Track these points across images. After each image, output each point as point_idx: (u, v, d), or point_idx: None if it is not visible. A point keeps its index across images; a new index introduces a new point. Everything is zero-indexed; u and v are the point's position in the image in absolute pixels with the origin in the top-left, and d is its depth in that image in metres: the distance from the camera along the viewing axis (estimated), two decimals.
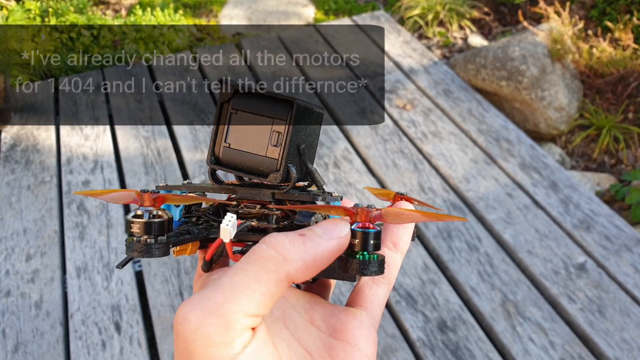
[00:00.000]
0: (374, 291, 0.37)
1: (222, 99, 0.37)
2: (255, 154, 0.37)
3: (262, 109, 0.37)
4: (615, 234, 1.84)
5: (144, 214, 0.33)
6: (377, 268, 0.32)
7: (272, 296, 0.27)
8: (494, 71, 2.50)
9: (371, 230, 0.32)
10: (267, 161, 0.37)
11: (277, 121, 0.36)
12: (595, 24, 2.85)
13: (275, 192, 0.37)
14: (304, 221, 0.36)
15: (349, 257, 0.32)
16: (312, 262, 0.29)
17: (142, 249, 0.32)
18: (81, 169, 2.13)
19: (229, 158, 0.38)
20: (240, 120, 0.37)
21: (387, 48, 2.85)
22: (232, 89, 0.37)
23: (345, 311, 0.35)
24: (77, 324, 1.58)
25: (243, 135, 0.37)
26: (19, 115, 2.43)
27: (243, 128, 0.37)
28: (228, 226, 0.33)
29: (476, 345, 1.52)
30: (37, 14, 3.17)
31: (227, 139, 0.38)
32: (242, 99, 0.37)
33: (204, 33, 3.23)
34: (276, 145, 0.37)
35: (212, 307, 0.26)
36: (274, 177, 0.36)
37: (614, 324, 1.57)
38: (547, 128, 2.45)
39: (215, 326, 0.26)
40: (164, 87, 2.60)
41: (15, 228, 1.88)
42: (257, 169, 0.37)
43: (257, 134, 0.37)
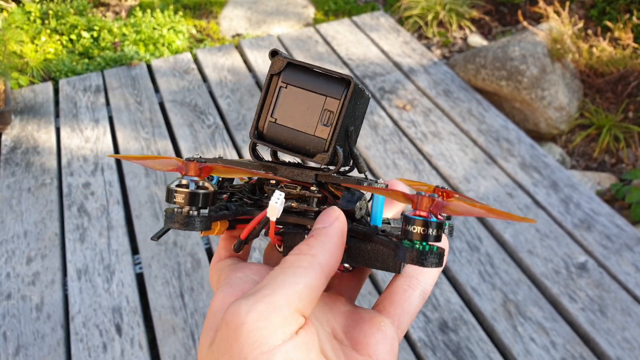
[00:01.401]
0: (408, 296, 0.35)
1: (272, 71, 0.36)
2: (303, 132, 0.35)
3: (314, 86, 0.35)
4: (616, 233, 1.83)
5: (189, 183, 0.31)
6: (437, 260, 0.30)
7: (313, 289, 0.29)
8: (494, 71, 2.50)
9: (433, 220, 0.30)
10: (315, 140, 0.35)
11: (330, 99, 0.35)
12: (595, 23, 2.85)
13: (318, 174, 0.36)
14: (349, 207, 0.35)
15: (407, 246, 0.30)
16: (334, 247, 0.31)
17: (183, 221, 0.31)
18: (82, 171, 2.13)
19: (274, 133, 0.36)
20: (290, 95, 0.36)
21: (387, 48, 2.85)
22: (284, 61, 0.35)
23: (370, 321, 0.34)
24: (78, 326, 1.58)
25: (292, 111, 0.36)
26: (19, 117, 2.43)
27: (292, 103, 0.36)
28: (277, 204, 0.31)
29: (477, 346, 1.52)
30: (37, 16, 3.18)
31: (274, 114, 0.36)
32: (293, 73, 0.36)
33: (203, 34, 3.23)
34: (326, 124, 0.35)
35: (261, 297, 0.28)
36: (322, 157, 0.35)
37: (615, 324, 1.57)
38: (547, 127, 2.45)
39: (263, 312, 0.27)
40: (164, 88, 2.60)
41: (15, 231, 1.89)
42: (304, 148, 0.36)
43: (307, 111, 0.35)
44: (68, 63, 2.82)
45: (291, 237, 0.36)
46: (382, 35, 2.96)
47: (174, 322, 1.59)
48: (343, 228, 0.32)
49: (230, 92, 2.57)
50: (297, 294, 0.28)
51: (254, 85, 2.62)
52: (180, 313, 1.61)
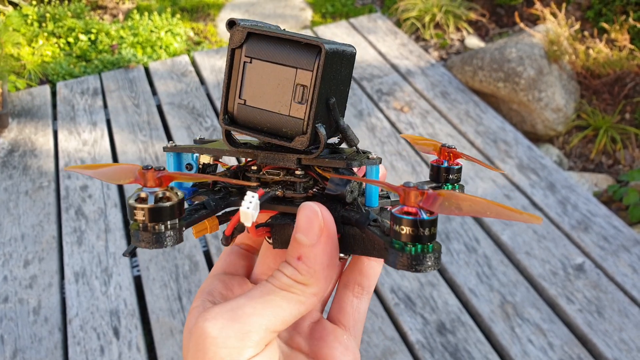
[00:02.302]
0: (356, 306, 0.36)
1: (233, 44, 0.31)
2: (277, 112, 0.31)
3: (282, 57, 0.30)
4: (613, 235, 1.84)
5: (148, 196, 0.27)
6: (433, 262, 0.26)
7: (298, 316, 0.29)
8: (491, 72, 2.50)
9: (425, 218, 0.26)
10: (292, 121, 0.31)
11: (301, 72, 0.30)
12: (591, 24, 2.85)
13: (301, 158, 0.32)
14: (338, 190, 0.31)
15: (398, 250, 0.26)
16: (323, 275, 0.29)
17: (150, 239, 0.27)
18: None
19: (245, 117, 0.32)
20: (257, 71, 0.31)
21: (384, 50, 2.85)
22: (244, 31, 0.31)
23: (332, 333, 0.34)
24: (76, 329, 1.58)
25: (261, 90, 0.31)
26: (16, 120, 2.43)
27: (260, 80, 0.31)
28: (249, 209, 0.27)
29: (475, 347, 1.52)
30: (35, 19, 3.18)
31: (242, 94, 0.31)
32: (257, 44, 0.31)
33: (201, 37, 3.24)
34: (301, 102, 0.30)
35: (240, 316, 0.27)
36: (300, 140, 0.31)
37: (613, 325, 1.57)
38: (545, 129, 2.45)
39: (237, 332, 0.27)
40: (162, 91, 2.60)
41: (13, 234, 1.88)
42: (280, 130, 0.31)
43: (278, 88, 0.31)
44: (65, 66, 2.82)
45: (280, 229, 0.32)
46: (380, 38, 2.97)
47: (172, 324, 1.59)
48: (332, 243, 0.29)
49: None
50: (281, 320, 0.28)
51: None
52: (178, 316, 1.61)
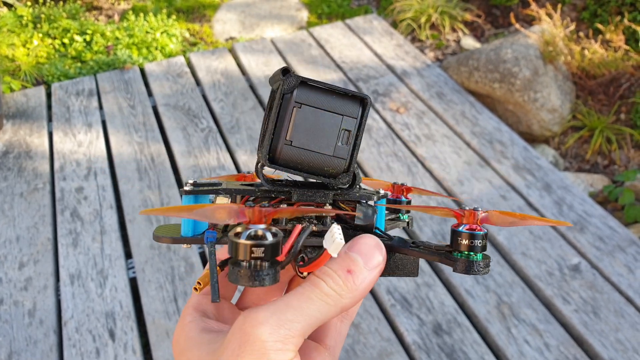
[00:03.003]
0: (338, 329, 0.38)
1: (284, 90, 0.34)
2: (322, 153, 0.34)
3: (330, 105, 0.34)
4: (608, 235, 1.84)
5: (264, 234, 0.28)
6: (484, 268, 0.32)
7: (323, 322, 0.31)
8: (487, 73, 2.51)
9: (478, 232, 0.32)
10: (335, 161, 0.34)
11: (347, 118, 0.34)
12: (586, 25, 2.86)
13: (336, 194, 0.36)
14: (368, 221, 0.35)
15: (458, 255, 0.32)
16: (360, 295, 0.32)
17: (253, 276, 0.28)
18: (74, 175, 2.12)
19: (289, 157, 0.34)
20: (305, 115, 0.34)
21: (380, 51, 2.86)
22: (297, 80, 0.34)
23: (316, 350, 0.37)
24: (71, 331, 1.57)
25: (308, 132, 0.34)
26: (11, 121, 2.42)
27: (308, 124, 0.34)
28: (342, 238, 0.30)
29: (471, 348, 1.52)
30: (29, 19, 3.16)
31: (289, 135, 0.34)
32: (306, 92, 0.34)
33: (197, 38, 3.23)
34: (345, 144, 0.34)
35: (285, 322, 0.29)
36: (343, 178, 0.34)
37: (609, 325, 1.57)
38: (540, 129, 2.46)
39: (282, 337, 0.29)
40: (157, 92, 2.59)
41: (8, 236, 1.87)
42: (322, 169, 0.35)
43: (325, 131, 0.34)
44: (60, 67, 2.81)
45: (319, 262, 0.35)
46: (376, 38, 2.97)
47: (168, 326, 1.58)
48: (379, 273, 0.33)
49: (224, 95, 2.57)
50: (313, 326, 0.30)
51: (247, 89, 2.61)
52: (174, 317, 1.60)
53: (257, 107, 2.49)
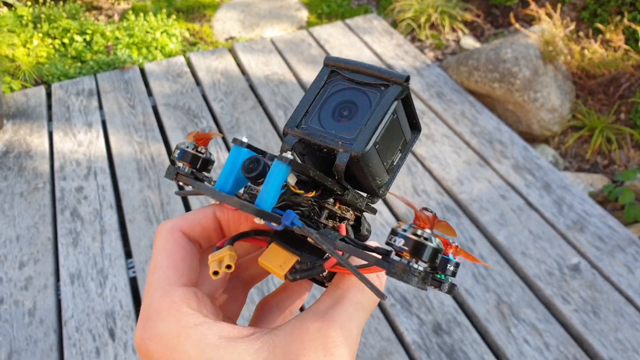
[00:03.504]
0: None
1: (401, 96, 0.34)
2: (384, 164, 0.35)
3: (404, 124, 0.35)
4: (608, 235, 1.84)
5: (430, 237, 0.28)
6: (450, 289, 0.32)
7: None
8: (487, 73, 2.51)
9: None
10: (384, 174, 0.36)
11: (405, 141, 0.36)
12: (586, 25, 2.86)
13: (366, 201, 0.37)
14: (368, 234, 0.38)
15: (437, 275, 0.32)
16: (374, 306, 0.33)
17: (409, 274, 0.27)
18: (74, 175, 2.12)
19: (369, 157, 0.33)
20: (391, 126, 0.34)
21: (380, 51, 2.86)
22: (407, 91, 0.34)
23: None
24: (71, 331, 1.57)
25: (386, 142, 0.34)
26: (11, 121, 2.42)
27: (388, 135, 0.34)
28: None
29: (471, 348, 1.52)
30: (29, 19, 3.17)
31: (379, 138, 0.33)
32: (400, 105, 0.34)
33: (197, 37, 3.23)
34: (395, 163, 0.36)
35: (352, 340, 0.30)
36: (384, 192, 0.36)
37: (608, 324, 1.58)
38: (540, 129, 2.46)
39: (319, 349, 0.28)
40: (157, 92, 2.59)
41: (8, 235, 1.88)
42: (375, 179, 0.35)
43: (391, 146, 0.35)
44: (60, 67, 2.81)
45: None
46: (375, 38, 2.97)
47: None
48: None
49: (224, 95, 2.57)
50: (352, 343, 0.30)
51: (247, 89, 2.62)
52: None
53: (257, 107, 2.49)
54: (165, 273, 0.31)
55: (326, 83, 0.37)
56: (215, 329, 0.28)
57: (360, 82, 0.35)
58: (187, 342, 0.28)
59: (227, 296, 0.38)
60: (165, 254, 0.32)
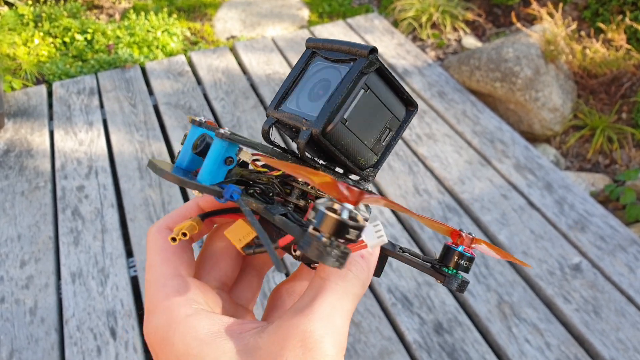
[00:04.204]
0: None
1: (365, 70, 0.33)
2: (363, 142, 0.34)
3: (387, 100, 0.34)
4: (610, 234, 1.84)
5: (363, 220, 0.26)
6: (464, 288, 0.34)
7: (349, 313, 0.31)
8: (488, 72, 2.51)
9: (470, 255, 0.34)
10: (368, 154, 0.34)
11: (394, 119, 0.34)
12: (588, 24, 2.86)
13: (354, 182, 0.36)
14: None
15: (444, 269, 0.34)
16: (370, 276, 0.32)
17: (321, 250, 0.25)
18: (75, 174, 2.12)
19: (338, 134, 0.33)
20: (367, 101, 0.33)
21: (381, 50, 2.85)
22: (377, 65, 0.33)
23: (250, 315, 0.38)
24: (72, 330, 1.57)
25: (359, 118, 0.33)
26: (12, 120, 2.42)
27: (365, 110, 0.33)
28: (386, 239, 0.30)
29: (472, 347, 1.52)
30: (30, 18, 3.16)
31: (347, 114, 0.33)
32: (377, 80, 0.34)
33: (198, 37, 3.23)
34: (383, 141, 0.34)
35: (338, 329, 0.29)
36: (371, 173, 0.35)
37: (610, 324, 1.57)
38: (542, 129, 2.46)
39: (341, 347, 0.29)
40: (158, 91, 2.59)
41: (9, 234, 1.88)
42: (356, 158, 0.34)
43: (373, 123, 0.34)
44: (62, 66, 2.81)
45: None
46: (377, 37, 2.97)
47: None
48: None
49: (225, 94, 2.57)
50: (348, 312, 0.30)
51: (248, 88, 2.61)
52: None
53: (258, 106, 2.49)
54: (159, 269, 0.32)
55: (307, 64, 0.36)
56: (206, 321, 0.29)
57: (334, 59, 0.35)
58: (175, 335, 0.28)
59: (240, 283, 0.39)
60: (155, 252, 0.33)
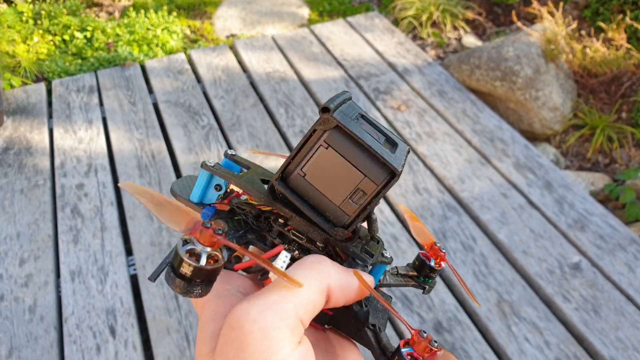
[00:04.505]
0: None
1: (317, 126, 0.33)
2: (329, 198, 0.33)
3: (356, 160, 0.32)
4: (609, 233, 1.84)
5: (200, 254, 0.28)
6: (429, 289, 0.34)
7: (314, 305, 0.29)
8: (488, 71, 2.50)
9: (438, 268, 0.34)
10: (338, 212, 0.34)
11: (367, 181, 0.32)
12: (588, 24, 2.86)
13: (328, 240, 0.35)
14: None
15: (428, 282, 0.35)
16: (347, 286, 0.31)
17: (184, 288, 0.28)
18: (75, 172, 2.12)
19: (298, 186, 0.34)
20: (328, 157, 0.33)
21: (382, 49, 2.85)
22: (333, 123, 0.32)
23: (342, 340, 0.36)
24: (72, 328, 1.57)
25: (324, 174, 0.33)
26: (11, 118, 2.42)
27: (327, 166, 0.33)
28: (282, 268, 0.31)
29: (472, 346, 1.52)
30: (30, 16, 3.16)
31: (304, 168, 0.33)
32: (340, 137, 0.32)
33: (197, 35, 3.23)
34: (355, 203, 0.33)
35: (270, 303, 0.27)
36: (339, 232, 0.34)
37: (609, 323, 1.57)
38: (542, 128, 2.46)
39: (272, 320, 0.27)
40: (158, 89, 2.59)
41: (8, 232, 1.87)
42: (323, 212, 0.34)
43: (340, 181, 0.33)
44: (61, 63, 2.81)
45: None
46: (377, 36, 2.96)
47: (168, 323, 1.58)
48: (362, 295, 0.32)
49: (225, 92, 2.57)
50: (302, 303, 0.28)
51: (248, 86, 2.61)
52: (174, 314, 1.60)
53: (257, 105, 2.49)
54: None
55: None
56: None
57: None
58: None
59: None
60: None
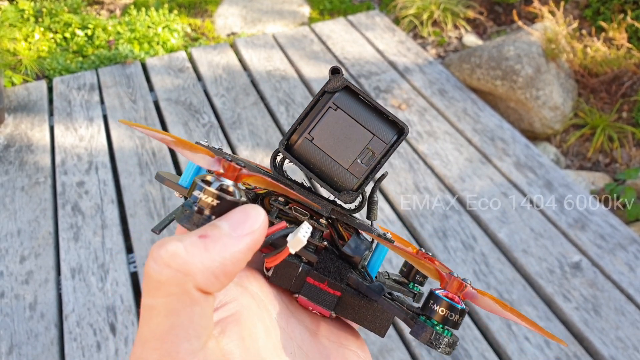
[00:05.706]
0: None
1: (326, 88, 0.33)
2: (337, 161, 0.33)
3: (365, 120, 0.32)
4: (609, 233, 1.84)
5: (232, 189, 0.27)
6: (448, 347, 0.29)
7: (203, 316, 0.24)
8: (489, 70, 2.50)
9: (458, 306, 0.29)
10: (346, 175, 0.33)
11: (377, 140, 0.32)
12: (589, 23, 2.86)
13: (335, 209, 0.34)
14: (355, 254, 0.33)
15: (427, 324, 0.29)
16: (221, 270, 0.24)
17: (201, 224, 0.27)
18: (75, 169, 2.12)
19: (305, 152, 0.33)
20: (337, 119, 0.33)
21: (382, 48, 2.85)
22: (343, 83, 0.33)
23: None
24: (72, 325, 1.57)
25: (332, 136, 0.33)
26: (12, 115, 2.42)
27: (336, 128, 0.33)
28: (305, 237, 0.29)
29: (472, 345, 1.52)
30: (31, 13, 3.16)
31: (313, 131, 0.33)
32: (348, 98, 0.33)
33: (198, 33, 3.22)
34: (364, 163, 0.32)
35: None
36: (348, 197, 0.33)
37: (609, 323, 1.58)
38: (542, 127, 2.46)
39: None
40: (159, 87, 2.59)
41: (9, 229, 1.87)
42: (331, 178, 0.33)
43: (349, 143, 0.33)
44: (62, 61, 2.81)
45: (284, 265, 0.33)
46: (378, 35, 2.96)
47: None
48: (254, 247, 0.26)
49: (225, 90, 2.56)
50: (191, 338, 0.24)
51: (249, 84, 2.61)
52: None
53: (258, 103, 2.49)
54: None
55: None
56: None
57: None
58: None
59: None
60: None
